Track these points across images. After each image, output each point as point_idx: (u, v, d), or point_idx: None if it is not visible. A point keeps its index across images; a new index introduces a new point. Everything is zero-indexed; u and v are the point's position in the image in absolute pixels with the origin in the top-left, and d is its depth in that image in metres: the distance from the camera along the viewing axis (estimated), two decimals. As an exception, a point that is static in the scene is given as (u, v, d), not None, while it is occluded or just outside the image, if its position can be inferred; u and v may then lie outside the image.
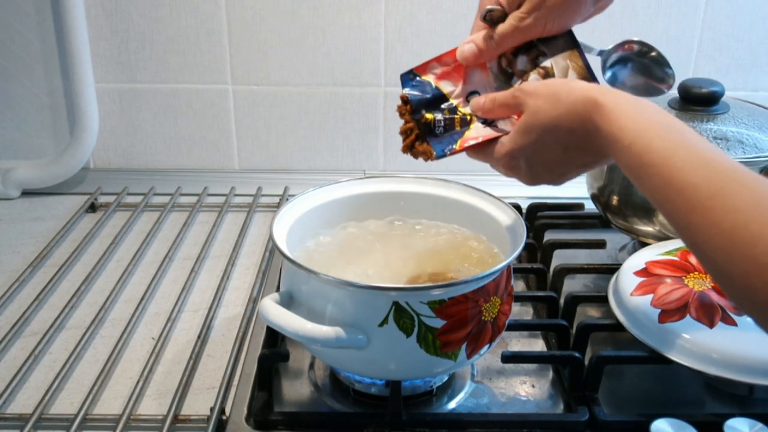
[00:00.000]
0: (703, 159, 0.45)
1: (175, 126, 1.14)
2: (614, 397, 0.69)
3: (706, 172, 0.44)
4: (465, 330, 0.61)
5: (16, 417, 0.67)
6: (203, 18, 1.07)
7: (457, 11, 1.07)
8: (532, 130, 0.56)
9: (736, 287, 0.42)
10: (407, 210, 0.77)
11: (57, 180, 1.11)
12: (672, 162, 0.45)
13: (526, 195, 1.04)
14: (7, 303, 0.85)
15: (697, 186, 0.43)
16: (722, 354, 0.63)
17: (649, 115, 0.49)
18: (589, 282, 0.89)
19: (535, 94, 0.56)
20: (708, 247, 0.43)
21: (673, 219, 0.46)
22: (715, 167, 0.44)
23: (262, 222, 1.06)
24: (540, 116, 0.55)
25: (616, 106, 0.50)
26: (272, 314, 0.59)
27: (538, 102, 0.55)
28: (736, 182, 0.43)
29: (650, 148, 0.47)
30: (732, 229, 0.41)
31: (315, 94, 1.12)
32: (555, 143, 0.55)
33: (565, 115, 0.53)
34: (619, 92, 0.52)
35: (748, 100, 0.88)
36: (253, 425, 0.65)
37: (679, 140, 0.46)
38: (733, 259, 0.41)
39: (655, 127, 0.48)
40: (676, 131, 0.47)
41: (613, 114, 0.50)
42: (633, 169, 0.48)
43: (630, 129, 0.49)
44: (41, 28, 1.07)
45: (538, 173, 0.58)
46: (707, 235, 0.43)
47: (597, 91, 0.52)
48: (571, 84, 0.55)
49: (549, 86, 0.56)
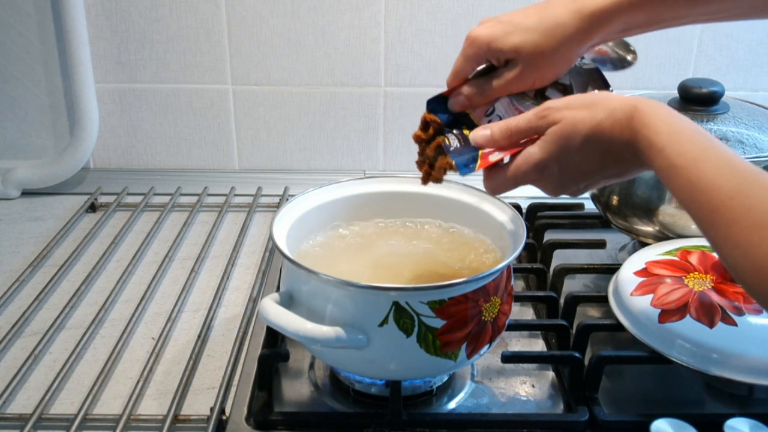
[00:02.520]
0: (728, 162, 0.48)
1: (175, 126, 1.14)
2: (614, 397, 0.69)
3: (730, 175, 0.47)
4: (465, 330, 0.61)
5: (16, 417, 0.67)
6: (203, 18, 1.07)
7: (457, 11, 1.07)
8: (571, 138, 0.55)
9: (752, 281, 0.44)
10: (407, 210, 0.77)
11: (57, 180, 1.11)
12: (700, 164, 0.48)
13: (526, 195, 1.04)
14: (7, 303, 0.85)
15: (721, 187, 0.46)
16: (722, 354, 0.63)
17: (680, 121, 0.51)
18: (589, 282, 0.89)
19: (568, 106, 0.55)
20: (728, 243, 0.46)
21: (698, 217, 0.48)
22: (738, 170, 0.47)
23: (262, 222, 1.06)
24: (580, 125, 0.54)
25: (652, 111, 0.52)
26: (272, 314, 0.59)
27: (573, 112, 0.55)
28: (756, 184, 0.46)
29: (681, 151, 0.49)
30: (750, 227, 0.44)
31: (315, 94, 1.12)
32: (594, 151, 0.55)
33: (606, 120, 0.53)
34: (652, 100, 0.53)
35: (748, 100, 0.88)
36: (253, 425, 0.65)
37: (708, 145, 0.49)
38: (749, 255, 0.44)
39: (685, 131, 0.50)
40: (704, 136, 0.50)
41: (650, 119, 0.52)
42: (664, 169, 0.50)
43: (664, 133, 0.51)
44: (41, 28, 1.07)
45: (567, 183, 0.57)
46: (727, 232, 0.45)
47: (635, 98, 0.54)
48: (605, 94, 0.57)
49: (584, 97, 0.56)
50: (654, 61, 1.10)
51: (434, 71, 1.09)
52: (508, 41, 0.58)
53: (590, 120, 0.54)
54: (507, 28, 0.59)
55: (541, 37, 0.58)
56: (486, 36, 0.59)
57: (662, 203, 0.81)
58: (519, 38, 0.58)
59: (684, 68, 1.11)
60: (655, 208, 0.82)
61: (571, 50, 0.58)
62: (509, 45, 0.58)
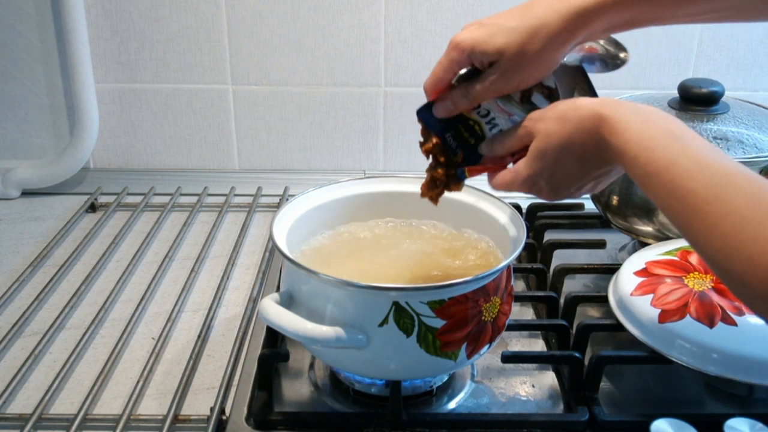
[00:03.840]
0: (703, 165, 0.47)
1: (175, 126, 1.14)
2: (614, 397, 0.69)
3: (705, 179, 0.46)
4: (465, 330, 0.61)
5: (16, 417, 0.67)
6: (203, 18, 1.07)
7: (457, 11, 1.07)
8: (546, 153, 0.57)
9: (737, 284, 0.44)
10: (407, 210, 0.77)
11: (57, 180, 1.11)
12: (673, 170, 0.48)
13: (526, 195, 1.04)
14: (7, 303, 0.85)
15: (696, 192, 0.46)
16: (722, 354, 0.63)
17: (651, 124, 0.51)
18: (589, 282, 0.89)
19: (542, 119, 0.58)
20: (709, 249, 0.45)
21: (677, 223, 0.48)
22: (713, 173, 0.46)
23: (262, 222, 1.06)
24: (552, 138, 0.57)
25: (620, 117, 0.52)
26: (272, 314, 0.59)
27: (547, 125, 0.57)
28: (732, 186, 0.45)
29: (653, 158, 0.49)
30: (729, 233, 0.44)
31: (315, 94, 1.12)
32: (571, 160, 0.57)
33: (574, 132, 0.55)
34: (623, 103, 0.54)
35: (748, 100, 0.88)
36: (253, 425, 0.65)
37: (680, 149, 0.49)
38: (732, 259, 0.44)
39: (657, 136, 0.50)
40: (677, 138, 0.50)
41: (618, 126, 0.52)
42: (639, 178, 0.51)
43: (634, 141, 0.51)
44: (41, 28, 1.07)
45: (559, 190, 0.60)
46: (707, 237, 0.45)
47: (601, 105, 0.54)
48: (576, 102, 0.56)
49: (556, 109, 0.58)
50: (654, 61, 1.10)
51: (434, 71, 1.09)
52: (492, 43, 0.58)
53: (560, 133, 0.56)
54: (490, 31, 0.59)
55: (524, 38, 0.57)
56: (470, 40, 0.59)
57: (662, 203, 0.81)
58: (502, 40, 0.58)
59: (684, 68, 1.11)
60: (655, 208, 0.82)
61: (555, 50, 0.58)
62: (493, 47, 0.58)
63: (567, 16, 0.57)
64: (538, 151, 0.58)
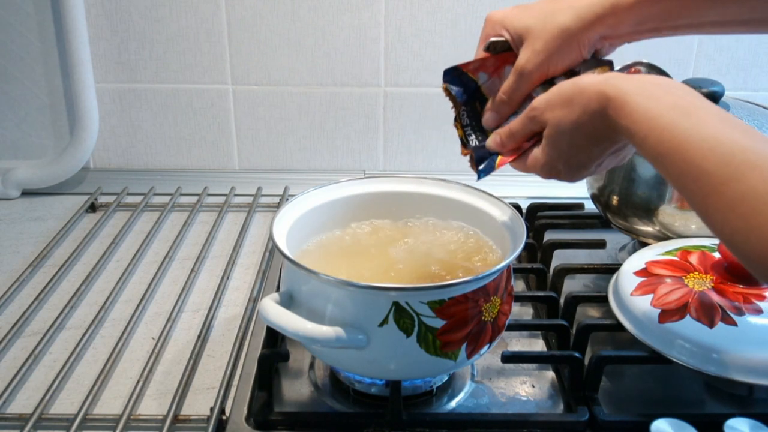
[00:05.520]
0: (714, 143, 0.46)
1: (175, 126, 1.14)
2: (614, 397, 0.69)
3: (718, 158, 0.45)
4: (465, 330, 0.61)
5: (16, 417, 0.67)
6: (203, 18, 1.07)
7: (457, 11, 1.07)
8: (559, 139, 0.57)
9: (755, 264, 0.44)
10: (407, 210, 0.77)
11: (57, 180, 1.11)
12: (684, 150, 0.47)
13: (526, 195, 1.04)
14: (7, 303, 0.85)
15: (710, 172, 0.45)
16: (722, 354, 0.63)
17: (658, 101, 0.50)
18: (589, 282, 0.89)
19: (549, 106, 0.58)
20: (726, 229, 0.45)
21: (693, 203, 0.48)
22: (726, 150, 0.45)
23: (262, 222, 1.06)
24: (562, 125, 0.56)
25: (625, 97, 0.51)
26: (272, 314, 0.59)
27: (555, 113, 0.57)
28: (746, 165, 0.44)
29: (663, 138, 0.48)
30: (747, 214, 0.43)
31: (315, 94, 1.12)
32: (584, 142, 0.56)
33: (583, 115, 0.55)
34: (628, 79, 0.53)
35: (748, 100, 0.88)
36: (253, 425, 0.65)
37: (689, 126, 0.48)
38: (750, 240, 0.43)
39: (665, 114, 0.49)
40: (685, 114, 0.49)
41: (624, 108, 0.51)
42: (652, 158, 0.50)
43: (642, 121, 0.50)
44: (41, 28, 1.07)
45: (579, 171, 0.60)
46: (725, 218, 0.45)
47: (606, 84, 0.53)
48: (580, 83, 0.56)
49: (561, 93, 0.57)
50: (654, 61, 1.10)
51: (434, 71, 1.09)
52: (521, 18, 0.61)
53: (570, 118, 0.56)
54: (523, 10, 0.61)
55: (554, 18, 0.59)
56: (501, 14, 0.63)
57: (662, 203, 0.81)
58: (531, 18, 0.60)
59: (684, 68, 1.11)
60: (655, 208, 0.82)
61: (581, 33, 0.59)
62: (521, 22, 0.61)
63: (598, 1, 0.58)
64: (551, 139, 0.58)
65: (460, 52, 1.04)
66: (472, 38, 0.64)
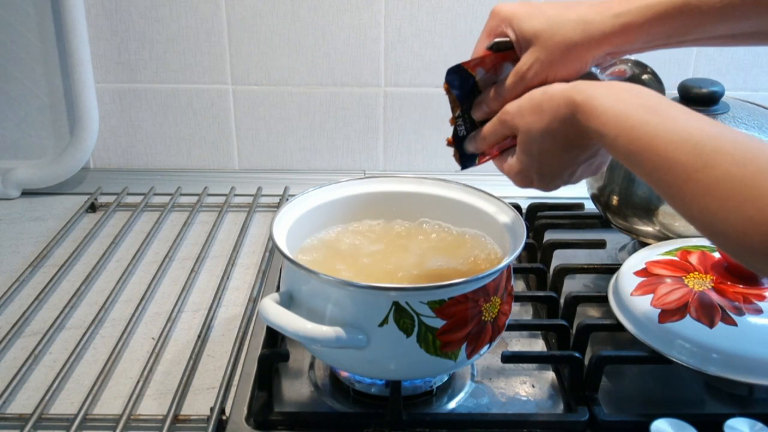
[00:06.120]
0: (684, 135, 0.47)
1: (175, 126, 1.14)
2: (614, 397, 0.69)
3: (690, 148, 0.46)
4: (465, 330, 0.61)
5: (16, 417, 0.67)
6: (203, 18, 1.07)
7: (457, 11, 1.07)
8: (531, 146, 0.58)
9: (736, 245, 0.44)
10: (407, 210, 0.77)
11: (57, 180, 1.11)
12: (656, 144, 0.48)
13: (526, 195, 1.03)
14: (7, 303, 0.85)
15: (684, 162, 0.46)
16: (722, 354, 0.63)
17: (626, 102, 0.51)
18: (589, 282, 0.89)
19: (519, 112, 0.58)
20: (704, 215, 0.45)
21: (668, 195, 0.48)
22: (696, 141, 0.46)
23: (262, 222, 1.06)
24: (532, 132, 0.57)
25: (593, 101, 0.52)
26: (272, 314, 0.59)
27: (525, 119, 0.57)
28: (717, 152, 0.45)
29: (633, 136, 0.49)
30: (724, 197, 0.44)
31: (315, 94, 1.12)
32: (555, 149, 0.57)
33: (552, 122, 0.55)
34: (594, 85, 0.54)
35: (748, 100, 0.88)
36: (253, 425, 0.65)
37: (659, 122, 0.48)
38: (730, 220, 0.44)
39: (634, 114, 0.50)
40: (654, 112, 0.49)
41: (593, 111, 0.52)
42: (623, 157, 0.51)
43: (611, 123, 0.51)
44: (41, 28, 1.07)
45: (551, 180, 0.60)
46: (701, 204, 0.45)
47: (573, 90, 0.54)
48: (549, 90, 0.56)
49: (531, 99, 0.57)
50: (654, 61, 1.09)
51: (434, 71, 1.09)
52: (530, 23, 0.59)
53: (539, 125, 0.56)
54: (532, 11, 0.59)
55: (562, 28, 0.58)
56: (509, 11, 0.60)
57: (662, 203, 0.81)
58: (540, 23, 0.58)
59: (684, 68, 1.11)
60: (655, 208, 0.82)
61: (589, 48, 0.58)
62: (529, 26, 0.58)
63: (608, 19, 0.57)
64: (523, 146, 0.58)
65: (460, 52, 1.04)
66: (472, 38, 0.64)
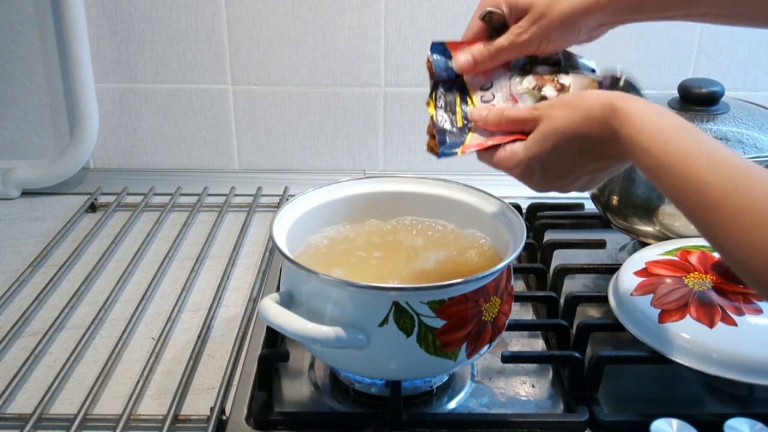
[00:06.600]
0: (717, 158, 0.47)
1: (175, 126, 1.14)
2: (614, 397, 0.69)
3: (722, 171, 0.46)
4: (465, 330, 0.61)
5: (16, 417, 0.67)
6: (203, 18, 1.07)
7: (457, 11, 1.07)
8: (549, 137, 0.57)
9: (758, 279, 0.44)
10: (407, 210, 0.77)
11: (57, 180, 1.11)
12: (689, 162, 0.47)
13: (526, 195, 1.03)
14: (7, 303, 0.85)
15: (714, 185, 0.46)
16: (722, 354, 0.63)
17: (663, 117, 0.51)
18: (589, 282, 0.89)
19: (552, 105, 0.58)
20: (729, 243, 0.45)
21: (694, 216, 0.48)
22: (729, 165, 0.46)
23: (262, 222, 1.06)
24: (556, 123, 0.56)
25: (633, 108, 0.52)
26: (272, 314, 0.59)
27: (553, 111, 0.57)
28: (749, 179, 0.45)
29: (667, 149, 0.49)
30: (751, 227, 0.43)
31: (315, 94, 1.12)
32: (571, 148, 0.56)
33: (581, 119, 0.55)
34: (633, 97, 0.54)
35: (748, 100, 0.88)
36: (253, 425, 0.65)
37: (694, 141, 0.49)
38: (754, 254, 0.43)
39: (670, 128, 0.50)
40: (690, 131, 0.50)
41: (630, 118, 0.52)
42: (652, 170, 0.50)
43: (647, 132, 0.50)
44: (41, 28, 1.07)
45: (551, 180, 0.59)
46: (728, 231, 0.45)
47: (613, 96, 0.54)
48: (584, 94, 0.57)
49: (564, 98, 0.58)
50: (654, 61, 1.10)
51: (434, 71, 1.09)
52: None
53: (566, 119, 0.56)
54: None
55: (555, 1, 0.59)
56: None
57: (662, 203, 0.81)
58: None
59: (684, 68, 1.11)
60: (655, 208, 0.82)
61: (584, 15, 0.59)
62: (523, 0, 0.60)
63: None
64: (540, 134, 0.57)
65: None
66: (472, 38, 0.64)
